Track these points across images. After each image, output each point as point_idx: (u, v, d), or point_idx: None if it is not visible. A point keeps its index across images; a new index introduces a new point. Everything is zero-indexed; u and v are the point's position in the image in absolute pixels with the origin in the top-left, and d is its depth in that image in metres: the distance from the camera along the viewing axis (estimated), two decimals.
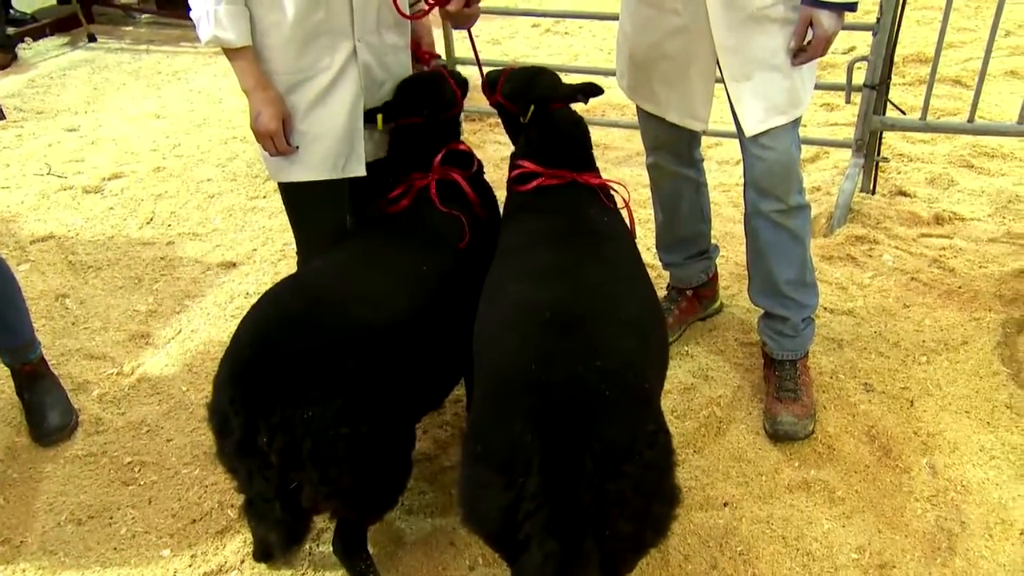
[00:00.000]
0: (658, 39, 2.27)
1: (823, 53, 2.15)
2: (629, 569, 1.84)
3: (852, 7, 2.08)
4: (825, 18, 2.07)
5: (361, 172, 2.28)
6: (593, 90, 2.28)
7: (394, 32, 2.27)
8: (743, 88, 2.20)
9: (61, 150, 4.42)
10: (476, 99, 2.77)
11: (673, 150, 2.54)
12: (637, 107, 2.53)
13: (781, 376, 2.48)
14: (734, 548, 2.09)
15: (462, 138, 2.41)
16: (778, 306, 2.47)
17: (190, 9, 2.05)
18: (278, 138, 2.13)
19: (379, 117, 2.22)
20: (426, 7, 2.25)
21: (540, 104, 2.20)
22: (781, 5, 2.11)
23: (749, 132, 2.24)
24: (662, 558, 2.06)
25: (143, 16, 6.62)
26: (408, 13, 2.25)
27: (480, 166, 2.34)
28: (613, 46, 5.91)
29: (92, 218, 3.75)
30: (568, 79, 2.37)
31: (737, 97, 2.22)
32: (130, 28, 6.49)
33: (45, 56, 5.90)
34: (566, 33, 5.79)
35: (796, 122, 2.28)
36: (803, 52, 2.15)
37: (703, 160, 2.66)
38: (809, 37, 2.12)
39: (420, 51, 2.40)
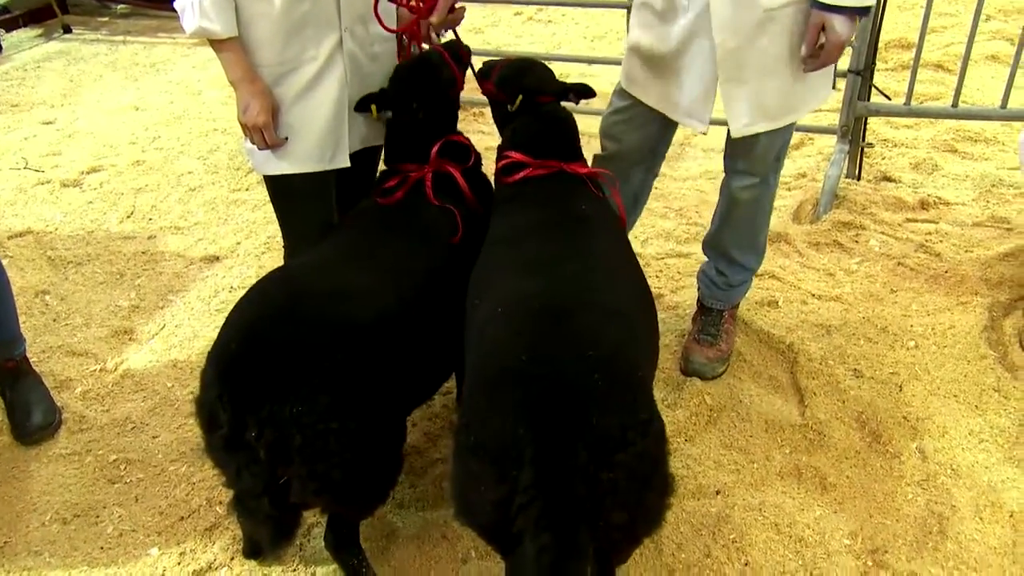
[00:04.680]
0: (665, 32, 2.21)
1: (835, 60, 2.09)
2: (623, 559, 1.84)
3: (865, 12, 2.02)
4: (838, 23, 2.00)
5: (345, 163, 2.25)
6: (585, 91, 2.26)
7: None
8: (736, 91, 2.17)
9: (37, 143, 4.35)
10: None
11: (636, 158, 2.48)
12: (621, 106, 2.45)
13: (706, 321, 2.64)
14: (727, 536, 2.09)
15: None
16: (722, 261, 2.59)
17: (173, 0, 2.01)
18: (268, 131, 2.10)
19: (373, 107, 2.19)
20: (410, 17, 2.24)
21: (529, 95, 2.18)
22: (791, 8, 2.05)
23: (734, 134, 2.24)
24: (655, 547, 2.06)
25: (118, 6, 6.53)
26: (395, 24, 2.24)
27: (478, 158, 2.30)
28: (596, 34, 5.90)
29: (71, 212, 3.69)
30: (552, 68, 2.34)
31: (728, 97, 2.18)
32: (106, 19, 6.40)
33: (19, 48, 5.81)
34: (549, 21, 5.76)
35: (787, 126, 2.27)
36: (813, 58, 2.08)
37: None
38: (821, 41, 2.04)
39: (426, 28, 2.36)
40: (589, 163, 2.52)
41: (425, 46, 2.36)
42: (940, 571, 1.97)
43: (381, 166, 2.35)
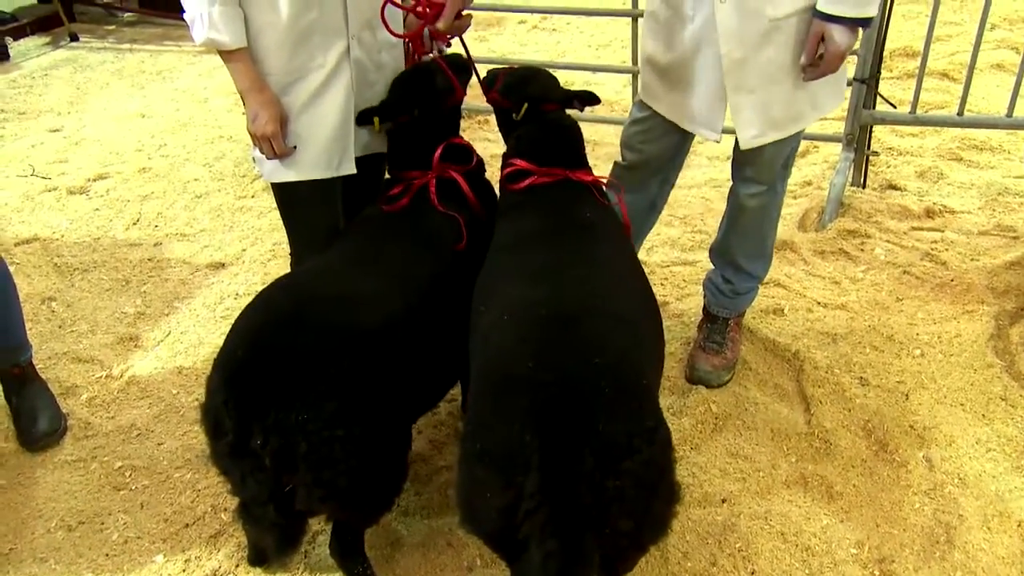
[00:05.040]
0: (673, 41, 2.22)
1: (835, 70, 2.09)
2: (629, 567, 1.83)
3: (866, 23, 2.02)
4: (838, 33, 2.00)
5: (352, 170, 2.26)
6: (590, 98, 2.26)
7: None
8: (744, 101, 2.17)
9: (44, 151, 4.37)
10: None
11: (655, 167, 2.49)
12: (639, 117, 2.45)
13: (712, 329, 2.63)
14: (733, 545, 2.08)
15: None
16: (729, 269, 2.58)
17: (183, 11, 2.02)
18: (276, 140, 2.10)
19: (376, 119, 2.20)
20: (417, 23, 2.25)
21: (534, 103, 2.18)
22: (795, 18, 2.05)
23: (743, 145, 2.23)
24: (661, 556, 2.05)
25: (125, 15, 6.56)
26: (401, 29, 2.24)
27: (480, 161, 2.31)
28: (600, 42, 5.91)
29: (77, 219, 3.70)
30: (557, 76, 2.35)
31: (737, 108, 2.18)
32: (112, 27, 6.43)
33: (26, 56, 5.84)
34: (553, 30, 5.77)
35: (795, 134, 2.27)
36: (813, 68, 2.09)
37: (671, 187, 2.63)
38: (821, 51, 2.05)
39: (433, 32, 2.37)
40: (608, 171, 2.53)
41: (427, 57, 2.37)
42: None
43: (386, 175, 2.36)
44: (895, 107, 3.49)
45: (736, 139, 2.26)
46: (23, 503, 2.30)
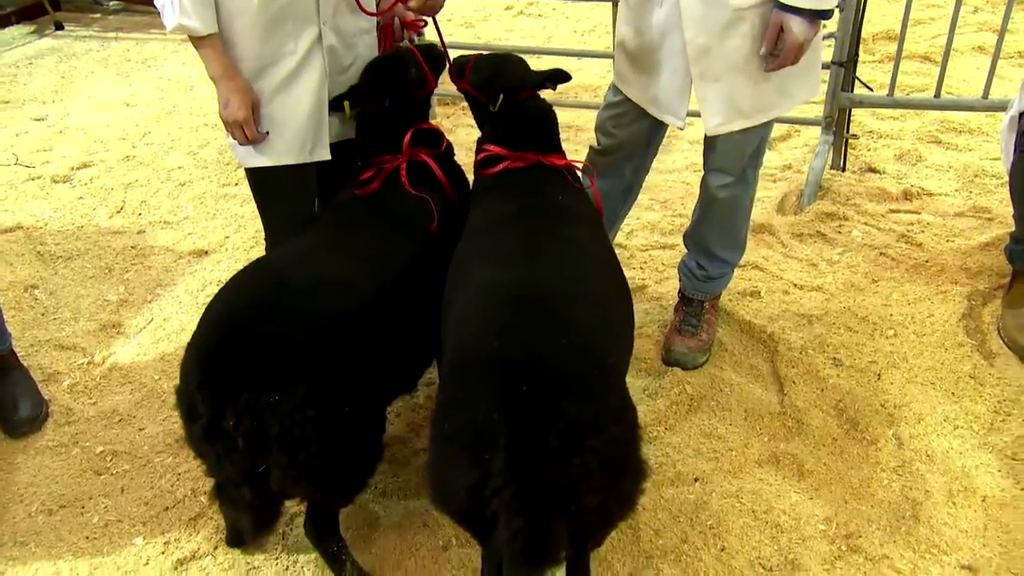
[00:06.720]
0: (642, 27, 2.24)
1: (794, 61, 2.08)
2: (598, 543, 1.87)
3: (826, 15, 2.03)
4: (796, 25, 2.01)
5: (326, 156, 2.27)
6: (561, 76, 2.27)
7: (360, 15, 2.25)
8: (709, 88, 2.18)
9: (29, 140, 4.37)
10: (448, 83, 2.75)
11: (628, 152, 2.51)
12: (613, 101, 2.47)
13: (688, 312, 2.67)
14: (704, 522, 2.11)
15: (435, 121, 2.40)
16: (703, 256, 2.61)
17: None
18: (247, 126, 2.12)
19: (346, 104, 2.21)
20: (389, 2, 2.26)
21: (509, 93, 2.20)
22: (759, 8, 2.06)
23: (708, 132, 2.25)
24: (633, 533, 2.08)
25: (110, 3, 6.53)
26: (374, 9, 2.25)
27: (449, 145, 2.33)
28: (586, 28, 5.89)
29: (61, 208, 3.71)
30: (542, 62, 2.37)
31: (702, 96, 2.20)
32: (97, 16, 6.40)
33: (10, 45, 5.82)
34: (539, 15, 5.76)
35: (762, 124, 2.28)
36: (772, 58, 2.09)
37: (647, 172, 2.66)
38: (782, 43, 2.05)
39: (404, 20, 2.39)
40: (584, 156, 2.55)
41: (401, 44, 2.38)
42: (912, 554, 2.00)
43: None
44: (872, 90, 3.50)
45: (705, 135, 2.28)
46: (4, 488, 2.33)
